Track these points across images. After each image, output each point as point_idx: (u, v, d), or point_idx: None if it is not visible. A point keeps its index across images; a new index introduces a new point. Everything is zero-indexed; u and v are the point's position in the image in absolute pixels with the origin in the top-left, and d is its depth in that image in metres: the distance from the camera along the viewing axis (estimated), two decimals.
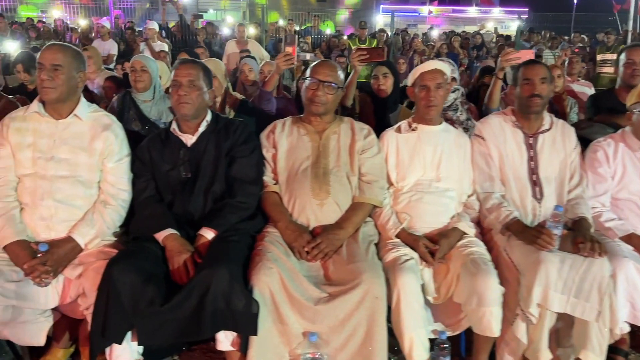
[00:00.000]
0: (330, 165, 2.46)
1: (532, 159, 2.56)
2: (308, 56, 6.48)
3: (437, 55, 11.51)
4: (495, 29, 17.47)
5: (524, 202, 2.53)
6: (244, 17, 20.63)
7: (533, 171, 2.55)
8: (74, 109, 2.39)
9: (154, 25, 9.26)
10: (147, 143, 2.50)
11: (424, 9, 25.05)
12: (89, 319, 2.22)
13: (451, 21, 22.57)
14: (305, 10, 20.48)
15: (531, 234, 2.30)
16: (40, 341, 2.28)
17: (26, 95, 3.95)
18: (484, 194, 2.54)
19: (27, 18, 13.32)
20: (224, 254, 2.10)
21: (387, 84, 3.48)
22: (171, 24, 12.11)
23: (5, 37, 7.67)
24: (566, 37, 14.71)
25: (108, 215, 2.34)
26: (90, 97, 4.03)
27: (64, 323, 2.41)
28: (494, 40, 15.38)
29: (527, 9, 24.19)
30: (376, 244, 2.44)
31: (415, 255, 2.33)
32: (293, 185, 2.42)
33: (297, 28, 14.11)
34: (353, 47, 10.24)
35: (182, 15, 10.70)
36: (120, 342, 1.98)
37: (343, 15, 22.93)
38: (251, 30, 10.81)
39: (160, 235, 2.24)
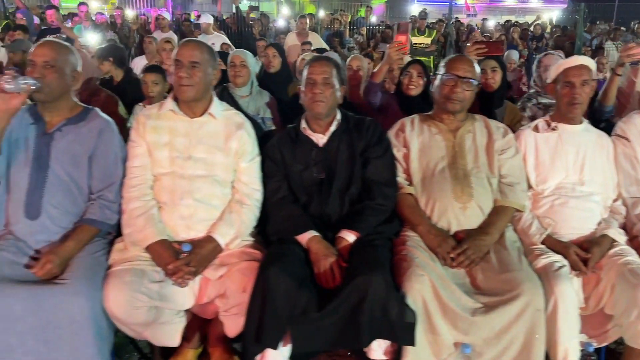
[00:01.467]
0: (468, 166, 2.34)
1: None
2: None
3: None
4: (550, 19, 16.90)
5: None
6: (278, 8, 20.46)
7: None
8: (208, 107, 2.34)
9: (209, 19, 9.27)
10: (277, 142, 2.43)
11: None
12: (227, 321, 2.21)
13: (488, 11, 21.95)
14: (343, 0, 20.15)
15: None
16: (176, 342, 2.25)
17: (111, 89, 3.97)
18: (632, 199, 2.39)
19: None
20: (375, 259, 2.02)
21: (495, 78, 3.32)
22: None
23: (87, 30, 7.76)
24: (623, 28, 14.13)
25: (245, 215, 2.29)
26: None
27: (195, 323, 2.38)
28: (548, 31, 14.87)
29: None
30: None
31: (566, 262, 2.20)
32: (431, 187, 2.32)
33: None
34: (412, 39, 10.08)
35: (238, 7, 10.67)
36: (275, 348, 1.93)
37: (380, 4, 22.48)
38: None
39: (303, 238, 2.17)
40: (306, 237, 2.17)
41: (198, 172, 2.27)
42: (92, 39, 5.89)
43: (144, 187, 2.27)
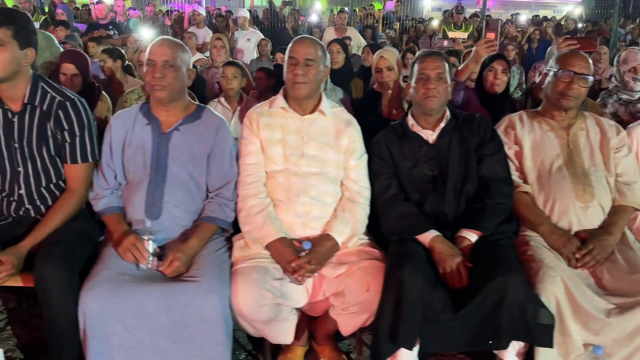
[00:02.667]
0: (586, 165, 2.30)
1: None
2: (445, 43, 6.27)
3: (529, 42, 11.10)
4: (581, 15, 16.66)
5: None
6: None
7: None
8: (318, 104, 2.32)
9: (246, 13, 9.25)
10: (383, 139, 2.41)
11: None
12: (342, 319, 2.20)
13: (502, 5, 21.68)
14: None
15: None
16: (290, 339, 2.24)
17: None
18: None
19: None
20: (509, 260, 1.99)
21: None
22: None
23: (144, 24, 7.75)
24: None
25: (358, 213, 2.27)
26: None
27: (303, 321, 2.37)
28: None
29: None
30: None
31: None
32: (550, 186, 2.28)
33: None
34: (449, 33, 10.00)
35: (271, 2, 10.64)
36: (410, 348, 1.91)
37: None
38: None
39: (425, 237, 2.15)
40: (428, 237, 2.14)
41: (311, 170, 2.26)
42: (147, 34, 5.87)
43: (259, 185, 2.27)
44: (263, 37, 8.31)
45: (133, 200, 2.20)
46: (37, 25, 7.72)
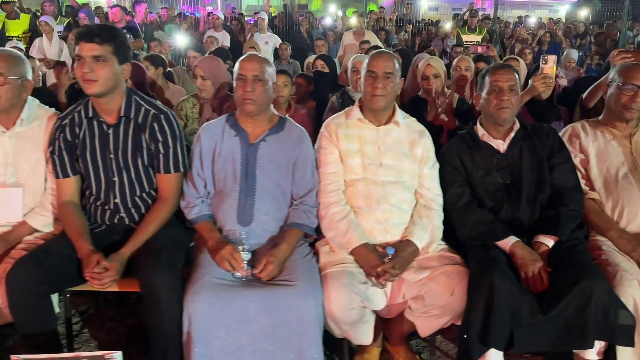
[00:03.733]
0: None
1: None
2: (480, 49, 6.37)
3: (539, 44, 11.22)
4: (588, 17, 16.81)
5: None
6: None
7: None
8: (392, 115, 2.43)
9: (265, 16, 9.34)
10: (454, 148, 2.51)
11: None
12: (421, 321, 2.32)
13: (499, 6, 21.80)
14: None
15: None
16: (369, 339, 2.36)
17: None
18: None
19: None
20: (590, 265, 2.11)
21: None
22: None
23: (179, 30, 7.83)
24: None
25: (435, 219, 2.38)
26: None
27: (379, 322, 2.48)
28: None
29: None
30: None
31: None
32: (617, 193, 2.39)
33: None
34: (463, 36, 10.11)
35: (286, 5, 10.76)
36: (501, 349, 2.02)
37: None
38: (352, 21, 10.73)
39: (506, 243, 2.25)
40: (509, 243, 2.25)
41: (389, 178, 2.37)
42: (181, 41, 5.97)
43: (340, 193, 2.38)
44: (281, 40, 8.41)
45: (224, 208, 2.31)
46: (60, 28, 7.84)
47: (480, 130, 2.50)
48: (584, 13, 16.46)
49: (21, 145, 2.34)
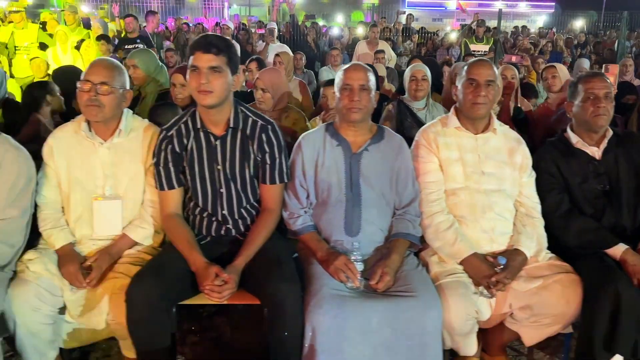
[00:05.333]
0: None
1: None
2: (514, 58, 6.42)
3: (541, 54, 11.40)
4: (582, 27, 17.18)
5: None
6: (269, 12, 20.14)
7: None
8: (489, 123, 2.44)
9: (275, 26, 9.34)
10: (547, 155, 2.52)
11: (450, 4, 25.03)
12: (527, 330, 2.31)
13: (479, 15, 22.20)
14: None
15: None
16: (474, 349, 2.34)
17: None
18: None
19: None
20: None
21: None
22: None
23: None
24: None
25: (539, 227, 2.38)
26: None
27: (478, 333, 2.46)
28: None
29: (553, 4, 23.56)
30: None
31: None
32: None
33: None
34: (471, 46, 10.23)
35: (293, 16, 10.76)
36: (628, 355, 2.02)
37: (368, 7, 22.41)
38: (359, 31, 10.83)
39: (616, 251, 2.26)
40: (620, 250, 2.25)
41: (491, 187, 2.37)
42: None
43: (442, 202, 2.37)
44: (295, 51, 8.40)
45: (330, 218, 2.28)
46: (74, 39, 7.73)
47: (574, 138, 2.51)
48: (578, 24, 16.80)
49: (119, 156, 2.29)
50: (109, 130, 2.29)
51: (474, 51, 10.13)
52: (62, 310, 2.17)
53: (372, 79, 2.31)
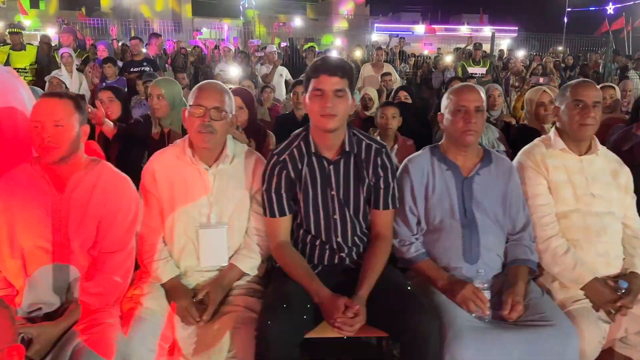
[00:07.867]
0: None
1: None
2: (541, 79, 6.50)
3: (533, 75, 11.67)
4: (565, 50, 17.70)
5: None
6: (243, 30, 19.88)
7: None
8: (591, 144, 2.40)
9: (275, 49, 9.32)
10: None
11: (417, 28, 26.08)
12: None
13: (443, 40, 22.86)
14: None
15: None
16: None
17: None
18: None
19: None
20: None
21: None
22: None
23: (229, 63, 7.60)
24: None
25: None
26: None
27: None
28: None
29: (516, 28, 24.65)
30: None
31: None
32: None
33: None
34: (469, 69, 10.39)
35: (291, 39, 10.77)
36: None
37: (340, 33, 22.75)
38: (357, 54, 10.89)
39: None
40: None
41: (601, 209, 2.32)
42: (233, 72, 5.83)
43: (556, 225, 2.31)
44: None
45: (447, 245, 2.20)
46: (78, 61, 7.53)
47: None
48: (560, 48, 17.34)
49: (224, 183, 2.17)
50: (213, 156, 2.17)
51: (472, 74, 10.31)
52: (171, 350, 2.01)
53: (485, 99, 2.26)
